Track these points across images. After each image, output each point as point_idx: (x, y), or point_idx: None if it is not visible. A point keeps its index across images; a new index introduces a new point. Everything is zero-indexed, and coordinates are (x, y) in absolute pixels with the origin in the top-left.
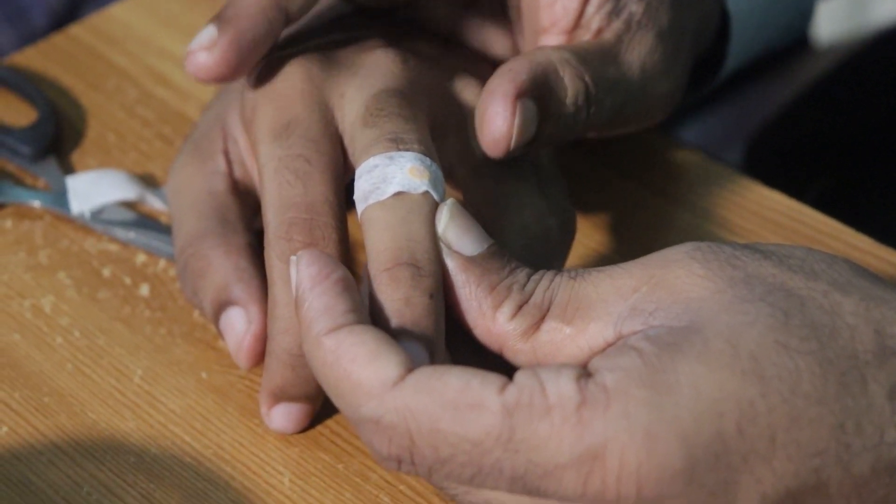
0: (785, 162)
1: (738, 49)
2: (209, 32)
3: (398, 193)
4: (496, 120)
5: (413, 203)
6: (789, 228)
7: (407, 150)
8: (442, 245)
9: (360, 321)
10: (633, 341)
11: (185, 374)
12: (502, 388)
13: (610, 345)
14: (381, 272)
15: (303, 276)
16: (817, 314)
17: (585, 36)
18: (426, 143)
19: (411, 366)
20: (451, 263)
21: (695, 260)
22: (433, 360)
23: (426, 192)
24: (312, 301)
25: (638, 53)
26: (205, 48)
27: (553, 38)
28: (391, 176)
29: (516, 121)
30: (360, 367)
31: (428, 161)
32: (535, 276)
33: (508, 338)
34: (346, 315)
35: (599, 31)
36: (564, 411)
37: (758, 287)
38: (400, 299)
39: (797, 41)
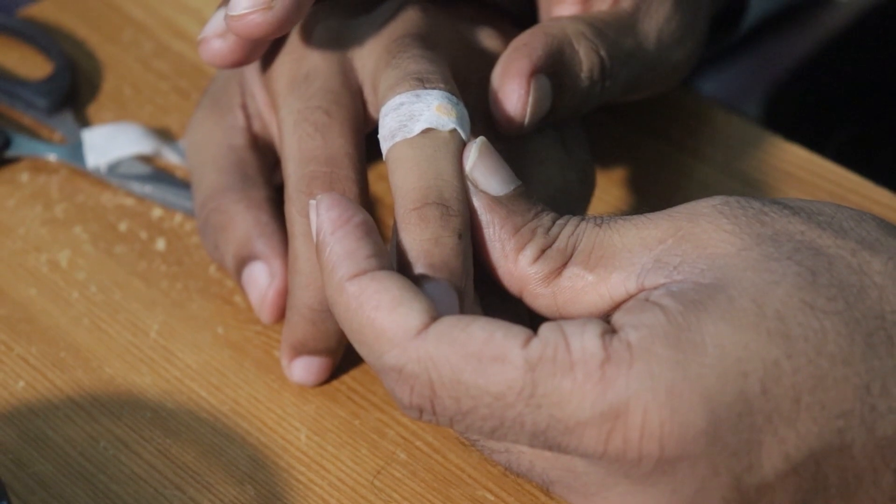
0: (805, 113)
1: (760, 2)
2: (221, 17)
3: (426, 131)
4: (511, 98)
5: (441, 141)
6: (810, 182)
7: (433, 87)
8: (468, 183)
9: (383, 266)
10: (657, 297)
11: (201, 329)
12: (526, 342)
13: (632, 296)
14: (410, 211)
15: (323, 220)
16: (845, 273)
17: (602, 5)
18: (451, 83)
19: (435, 314)
20: (477, 202)
21: (722, 215)
22: (462, 300)
23: (454, 130)
24: (334, 245)
25: (655, 22)
26: (219, 35)
27: (567, 8)
28: (418, 113)
29: (531, 98)
30: (384, 315)
31: (455, 99)
32: (561, 221)
33: (529, 281)
34: (369, 260)
35: (617, 4)
36: (588, 367)
37: (785, 245)
38: (429, 239)
39: None
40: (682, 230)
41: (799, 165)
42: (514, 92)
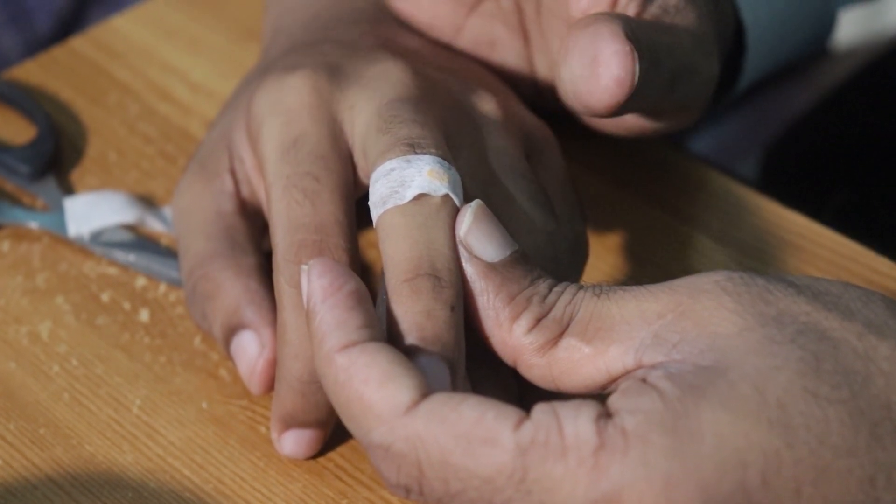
0: (802, 171)
1: (755, 62)
2: None
3: (418, 197)
4: (617, 59)
5: (433, 207)
6: (808, 251)
7: (424, 153)
8: (461, 249)
9: (373, 338)
10: (655, 379)
11: (185, 405)
12: (518, 424)
13: (629, 371)
14: (401, 283)
15: (314, 287)
16: (850, 359)
17: None
18: (443, 147)
19: (425, 390)
20: (471, 269)
21: (725, 291)
22: (454, 375)
23: (446, 195)
24: (324, 314)
25: (684, 28)
26: None
27: None
28: (409, 179)
29: (636, 55)
30: (372, 390)
31: (447, 164)
32: (558, 288)
33: (524, 351)
34: (360, 331)
35: (637, 16)
36: (581, 454)
37: (789, 326)
38: (421, 312)
39: (816, 53)
40: (683, 305)
41: (797, 233)
42: (618, 52)
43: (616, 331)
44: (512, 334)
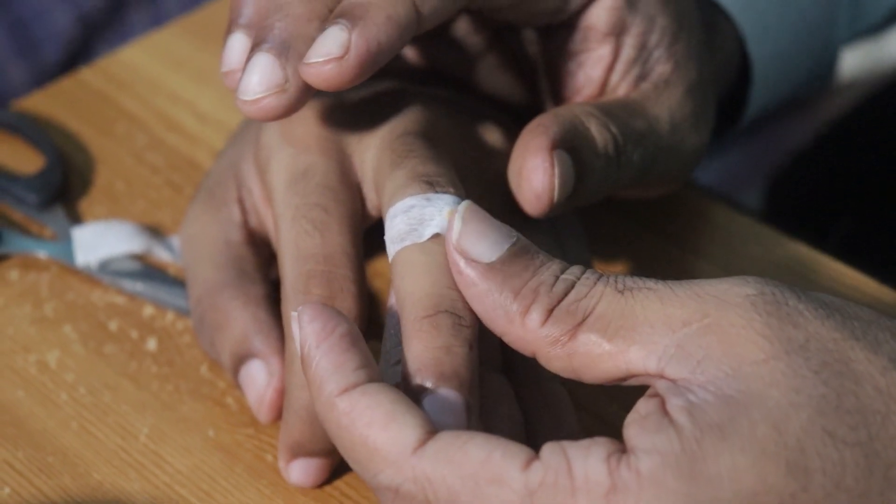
0: (806, 201)
1: (759, 97)
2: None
3: (436, 236)
4: (536, 174)
5: None
6: (811, 281)
7: (444, 191)
8: (457, 257)
9: (372, 378)
10: (676, 411)
11: (192, 433)
12: (526, 464)
13: (650, 374)
14: (421, 319)
15: (307, 332)
16: (872, 396)
17: (611, 98)
18: (459, 186)
19: (430, 428)
20: (472, 274)
21: (755, 309)
22: (468, 412)
23: None
24: (320, 359)
25: (667, 107)
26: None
27: (577, 101)
28: (429, 217)
29: (556, 171)
30: (377, 432)
31: None
32: (565, 275)
33: (542, 344)
34: (357, 372)
35: (626, 96)
36: (591, 496)
37: (815, 357)
38: (440, 347)
39: (819, 88)
40: (710, 318)
41: (800, 263)
42: (538, 167)
43: (638, 332)
44: (526, 328)
